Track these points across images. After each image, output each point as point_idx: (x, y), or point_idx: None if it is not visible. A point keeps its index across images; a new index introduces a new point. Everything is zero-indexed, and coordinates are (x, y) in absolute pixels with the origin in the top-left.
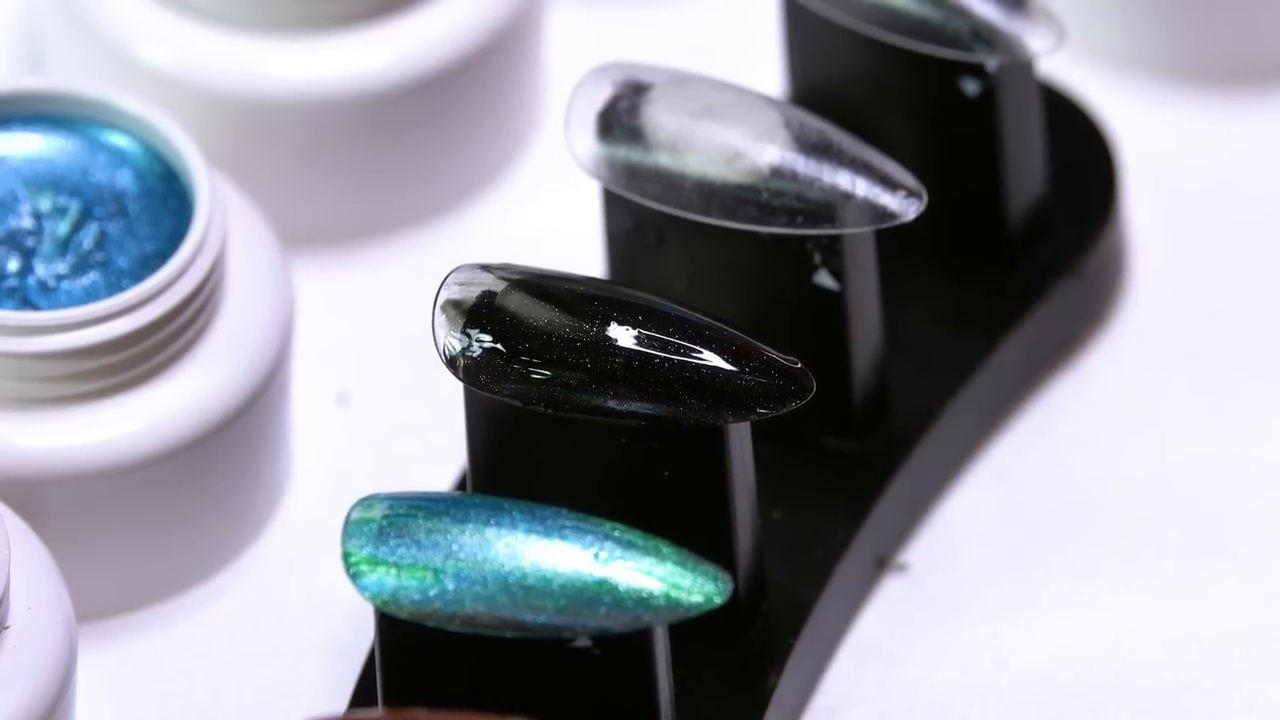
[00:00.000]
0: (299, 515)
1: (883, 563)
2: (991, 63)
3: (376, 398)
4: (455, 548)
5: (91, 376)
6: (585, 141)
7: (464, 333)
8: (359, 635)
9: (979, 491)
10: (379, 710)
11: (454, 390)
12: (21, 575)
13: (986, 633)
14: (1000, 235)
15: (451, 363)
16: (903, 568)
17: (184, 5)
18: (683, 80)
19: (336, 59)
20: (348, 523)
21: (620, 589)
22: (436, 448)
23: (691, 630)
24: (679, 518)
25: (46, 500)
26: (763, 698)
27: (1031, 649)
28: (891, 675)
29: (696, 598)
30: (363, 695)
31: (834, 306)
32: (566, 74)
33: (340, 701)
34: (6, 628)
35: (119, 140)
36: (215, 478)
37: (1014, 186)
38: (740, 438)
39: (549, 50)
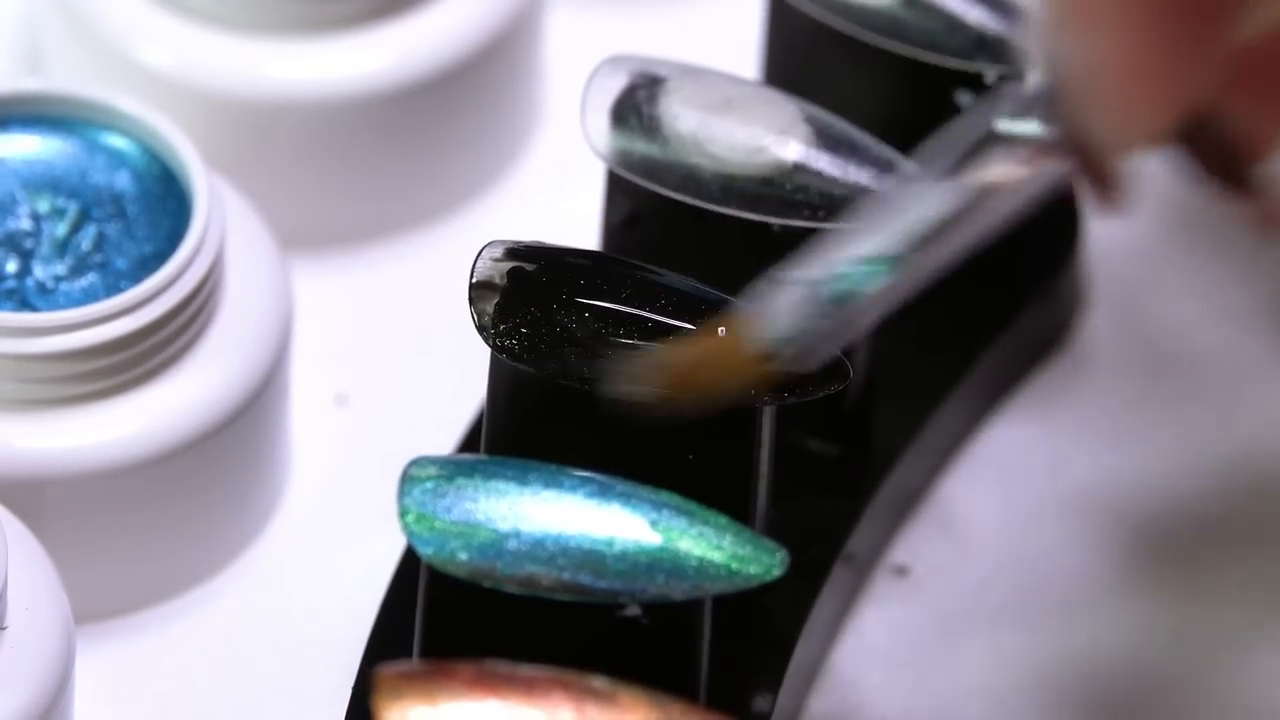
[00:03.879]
0: (298, 516)
1: (853, 560)
2: (992, 74)
3: (375, 398)
4: (516, 509)
5: (90, 378)
6: (602, 131)
7: (501, 308)
8: (357, 634)
9: (979, 494)
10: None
11: (453, 391)
12: (19, 576)
13: (987, 636)
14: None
15: (491, 339)
16: (902, 571)
17: (183, 7)
18: (696, 73)
19: (335, 60)
20: (403, 480)
21: (681, 556)
22: (435, 448)
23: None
24: (700, 500)
25: (45, 501)
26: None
27: (1032, 651)
28: (891, 678)
29: (756, 568)
30: (361, 693)
31: None
32: (566, 75)
33: (339, 700)
34: (4, 628)
35: (117, 142)
36: (214, 478)
37: None
38: (768, 423)
39: (549, 51)
